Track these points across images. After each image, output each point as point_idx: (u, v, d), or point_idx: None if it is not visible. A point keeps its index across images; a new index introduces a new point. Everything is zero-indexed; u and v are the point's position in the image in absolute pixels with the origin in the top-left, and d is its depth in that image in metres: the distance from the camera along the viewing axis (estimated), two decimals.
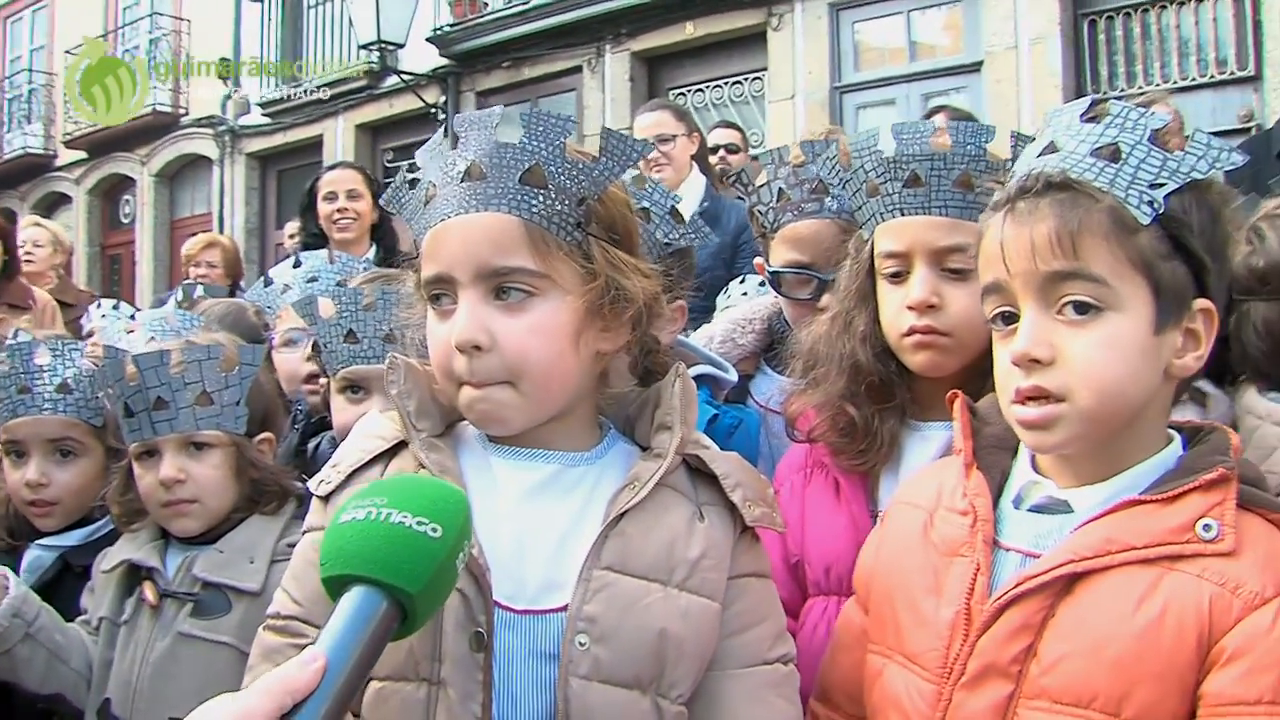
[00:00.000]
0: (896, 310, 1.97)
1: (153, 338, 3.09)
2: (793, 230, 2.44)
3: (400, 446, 1.67)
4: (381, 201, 1.90)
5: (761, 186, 2.51)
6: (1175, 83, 8.84)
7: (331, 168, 6.01)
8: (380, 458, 1.67)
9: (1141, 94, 7.52)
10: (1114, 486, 1.51)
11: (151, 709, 2.24)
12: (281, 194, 17.16)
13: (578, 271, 1.59)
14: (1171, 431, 1.57)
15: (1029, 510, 1.57)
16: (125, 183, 19.42)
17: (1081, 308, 1.46)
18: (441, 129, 1.70)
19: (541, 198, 1.56)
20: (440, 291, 1.61)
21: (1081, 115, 1.54)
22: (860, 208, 2.06)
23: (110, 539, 2.59)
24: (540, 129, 1.57)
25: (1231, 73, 8.84)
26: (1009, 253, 1.50)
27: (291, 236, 9.71)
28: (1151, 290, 1.46)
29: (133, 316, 4.44)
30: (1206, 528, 1.42)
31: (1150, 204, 1.45)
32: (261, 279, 3.75)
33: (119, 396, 2.36)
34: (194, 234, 15.26)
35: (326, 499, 1.67)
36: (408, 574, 1.24)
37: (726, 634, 1.64)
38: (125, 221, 19.57)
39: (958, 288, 1.90)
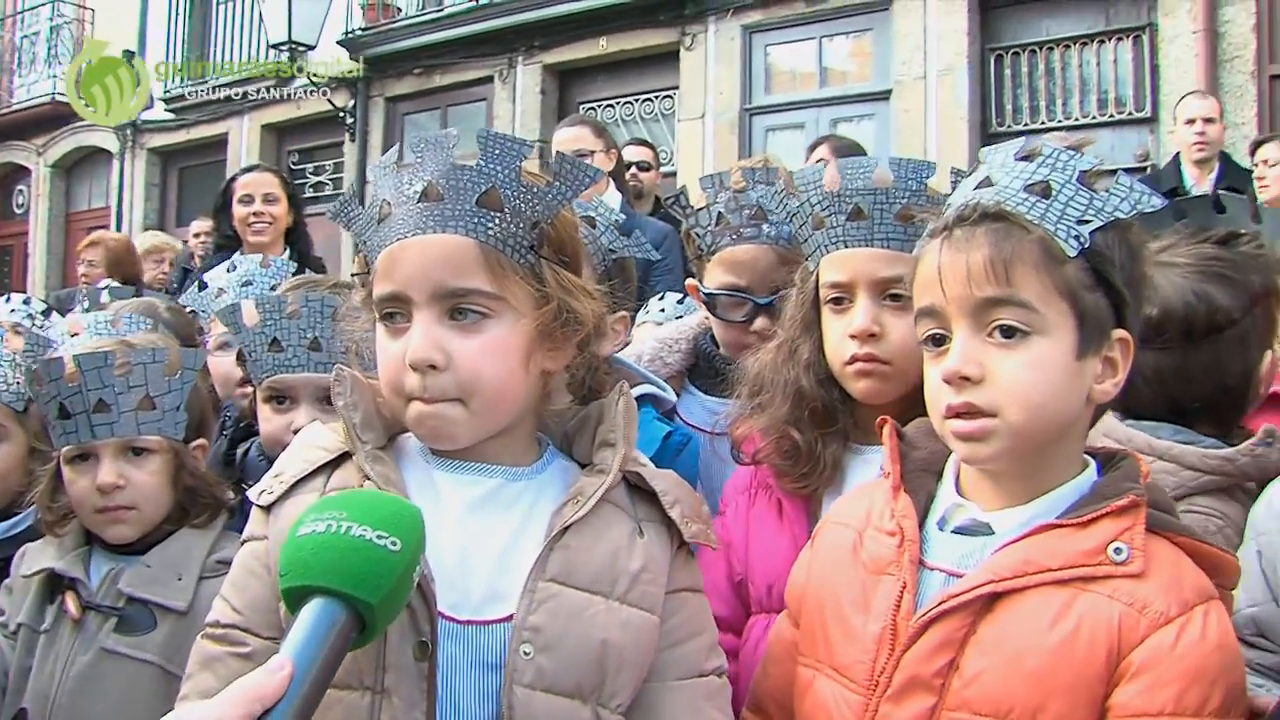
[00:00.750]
0: (839, 338, 2.05)
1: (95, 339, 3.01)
2: (730, 254, 2.50)
3: (343, 458, 1.69)
4: (328, 215, 1.92)
5: (700, 210, 2.56)
6: (1076, 120, 9.20)
7: (248, 170, 5.94)
8: (323, 469, 1.68)
9: (1048, 129, 7.76)
10: (1033, 510, 1.60)
11: None
12: (183, 191, 16.85)
13: (531, 294, 1.63)
14: (1087, 457, 1.66)
15: (953, 532, 1.66)
16: (19, 172, 18.87)
17: (1009, 331, 1.55)
18: (395, 149, 1.72)
19: (497, 220, 1.60)
20: (394, 310, 1.63)
21: (1016, 154, 1.63)
22: (806, 239, 2.13)
23: (26, 536, 2.52)
24: (497, 152, 1.61)
25: (1129, 113, 9.21)
26: (945, 277, 1.58)
27: (197, 235, 9.63)
28: (1075, 318, 1.55)
29: (45, 314, 4.37)
30: (1117, 551, 1.51)
31: (1077, 238, 1.55)
32: (196, 283, 3.72)
33: (53, 396, 2.28)
34: (90, 228, 15.02)
35: (268, 509, 1.68)
36: (369, 585, 1.28)
37: (664, 646, 1.69)
38: (18, 212, 19.00)
39: (898, 317, 1.98)
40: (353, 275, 3.78)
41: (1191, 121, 6.75)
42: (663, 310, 4.42)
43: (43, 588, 2.33)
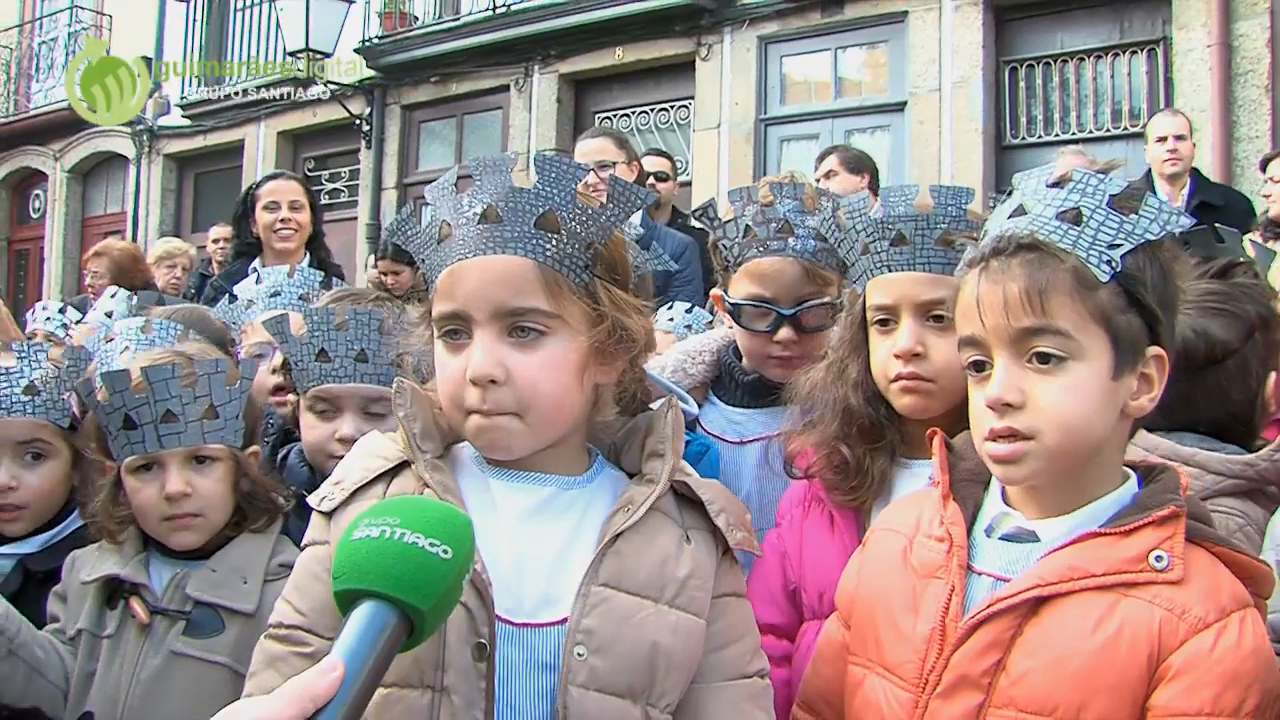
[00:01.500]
0: (885, 358, 2.14)
1: (127, 347, 3.09)
2: (756, 265, 2.58)
3: (402, 466, 1.75)
4: (386, 233, 1.99)
5: (729, 222, 2.64)
6: (1090, 132, 9.25)
7: (272, 177, 6.02)
8: (382, 477, 1.74)
9: (1063, 141, 7.80)
10: (1077, 519, 1.67)
11: None
12: (199, 197, 16.95)
13: (586, 312, 1.70)
14: (1127, 469, 1.74)
15: (1000, 539, 1.74)
16: (36, 177, 19.01)
17: (1046, 358, 1.62)
18: (453, 172, 1.80)
19: (555, 241, 1.67)
20: (455, 327, 1.70)
21: (1047, 181, 1.70)
22: (854, 264, 2.22)
23: (68, 544, 2.56)
24: (553, 175, 1.67)
25: (1143, 126, 9.17)
26: (984, 308, 1.66)
27: (216, 241, 9.71)
28: (1110, 341, 1.62)
29: (78, 321, 4.44)
30: (1158, 559, 1.59)
31: (1109, 263, 1.62)
32: (227, 295, 3.80)
33: (118, 408, 2.31)
34: (106, 233, 15.07)
35: (329, 515, 1.74)
36: (420, 592, 1.32)
37: (710, 649, 1.75)
38: (35, 216, 19.14)
39: (940, 337, 2.06)
40: (410, 291, 3.83)
41: (1163, 139, 6.83)
42: (671, 320, 4.51)
43: (101, 594, 2.37)
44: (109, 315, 4.15)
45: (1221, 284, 2.32)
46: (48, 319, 4.22)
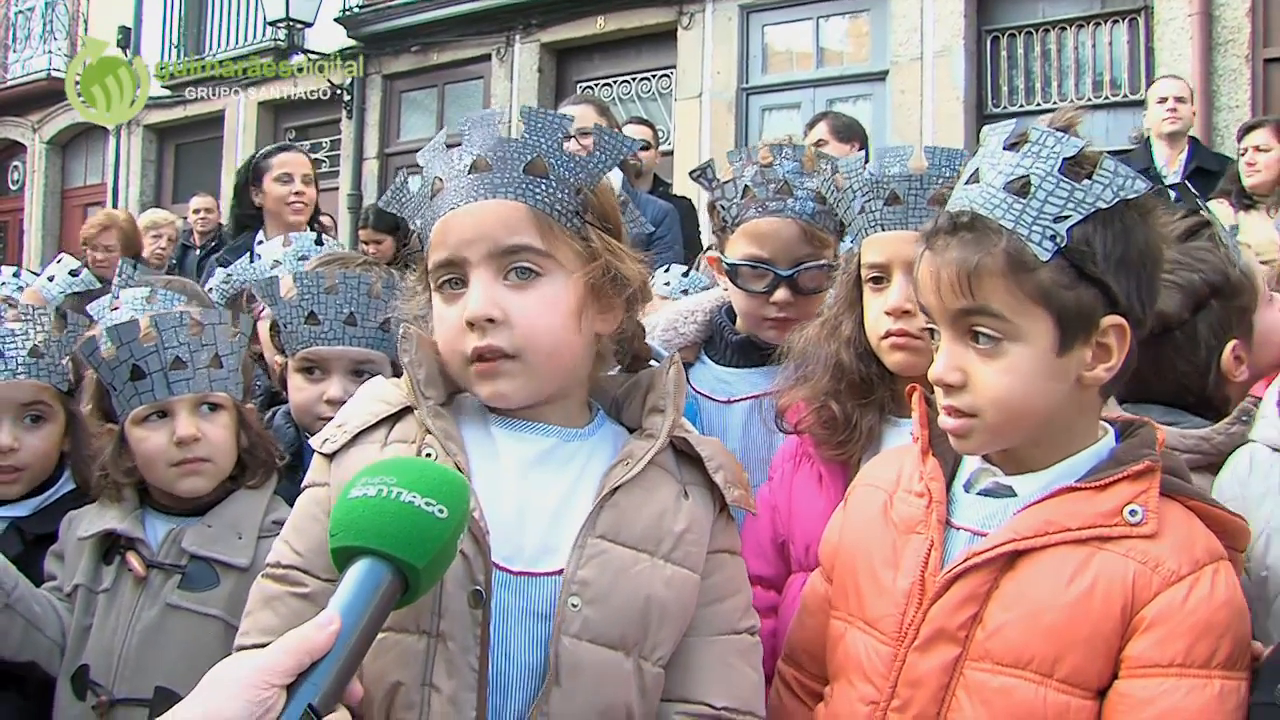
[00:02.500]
0: (877, 315, 2.17)
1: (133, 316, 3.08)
2: (754, 226, 2.59)
3: (404, 412, 1.78)
4: (381, 202, 2.02)
5: (727, 183, 2.65)
6: (1071, 101, 9.21)
7: (283, 149, 6.04)
8: (385, 421, 1.77)
9: (1058, 110, 7.81)
10: (1053, 474, 1.70)
11: (136, 677, 2.28)
12: (179, 168, 16.85)
13: (579, 253, 1.73)
14: (1106, 425, 1.76)
15: (978, 494, 1.76)
16: (15, 148, 18.87)
17: (985, 338, 1.64)
18: (444, 134, 1.83)
19: (544, 186, 1.71)
20: (451, 275, 1.73)
21: (1005, 142, 1.67)
22: (850, 224, 2.26)
23: (59, 508, 2.59)
24: (540, 125, 1.72)
25: (1124, 95, 9.30)
26: (922, 288, 1.70)
27: (196, 212, 9.66)
28: (1053, 319, 1.61)
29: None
30: (1133, 513, 1.61)
31: (1052, 238, 1.59)
32: (248, 254, 3.79)
33: (125, 360, 2.35)
34: (86, 204, 14.94)
35: (330, 457, 1.77)
36: (416, 550, 1.36)
37: (703, 603, 1.78)
38: (14, 188, 19.00)
39: None
40: (408, 254, 3.85)
41: (1163, 100, 6.85)
42: (668, 284, 4.52)
43: (97, 549, 2.41)
44: (51, 279, 4.14)
45: (1173, 251, 2.30)
46: (2, 284, 4.19)
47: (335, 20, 13.87)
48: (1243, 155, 6.35)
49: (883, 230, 2.17)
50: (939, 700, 1.65)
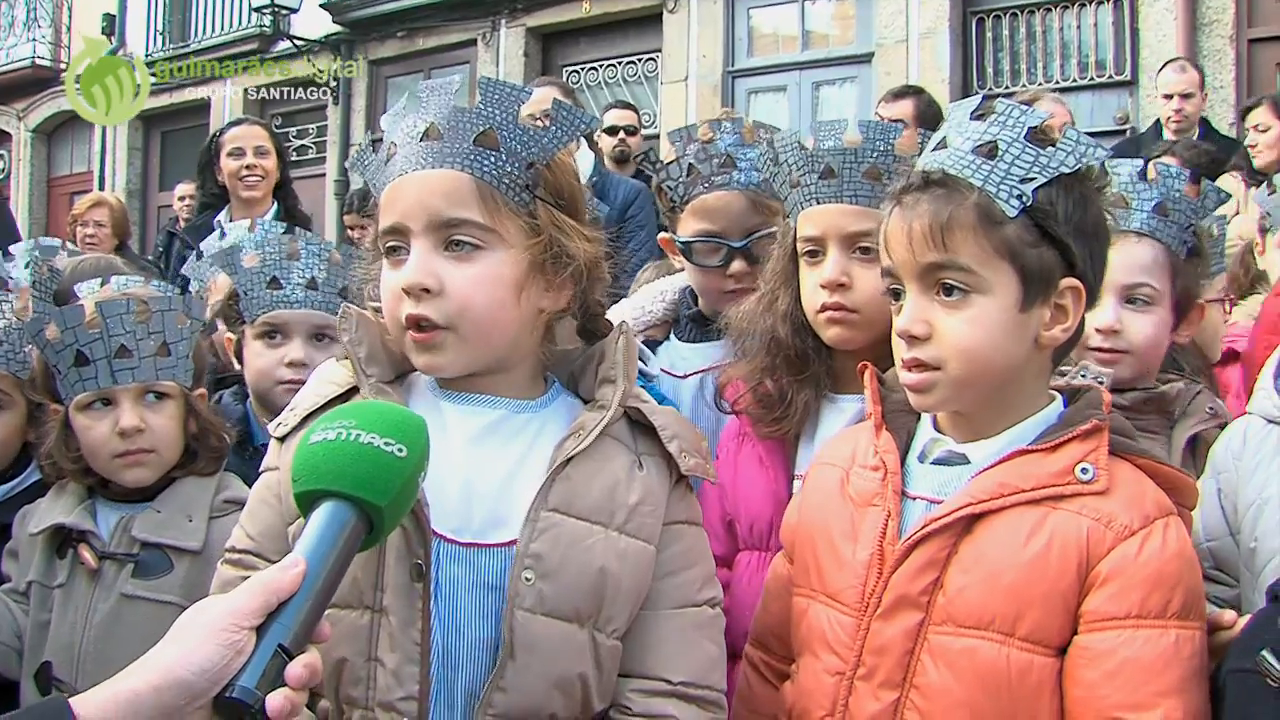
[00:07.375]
0: (812, 288, 2.18)
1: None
2: (702, 202, 2.59)
3: (353, 392, 1.78)
4: (346, 164, 2.03)
5: (670, 163, 2.67)
6: (1057, 83, 9.25)
7: (236, 124, 5.91)
8: (334, 401, 1.77)
9: (1025, 91, 7.85)
10: (1005, 439, 1.73)
11: (99, 670, 2.13)
12: (165, 155, 16.80)
13: (523, 229, 1.73)
14: (1054, 392, 1.79)
15: (932, 464, 1.79)
16: (0, 137, 18.81)
17: (951, 290, 1.67)
18: (404, 100, 1.83)
19: (493, 159, 1.70)
20: (395, 243, 1.74)
21: (972, 113, 1.73)
22: (786, 198, 2.26)
23: (25, 497, 2.56)
24: (496, 96, 1.71)
25: (1109, 76, 9.30)
26: (891, 243, 1.72)
27: (182, 199, 9.63)
28: (1018, 274, 1.66)
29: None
30: (1084, 471, 1.64)
31: (1019, 197, 1.65)
32: (194, 253, 3.75)
33: (69, 344, 2.30)
34: (72, 192, 14.87)
35: (283, 440, 1.79)
36: (377, 489, 1.38)
37: (660, 576, 1.79)
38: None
39: (866, 269, 2.10)
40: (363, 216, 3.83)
41: (1169, 97, 6.85)
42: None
43: (50, 544, 2.38)
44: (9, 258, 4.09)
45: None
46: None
47: (321, 6, 13.84)
48: (1246, 136, 6.37)
49: (817, 204, 2.17)
50: (904, 666, 1.68)
